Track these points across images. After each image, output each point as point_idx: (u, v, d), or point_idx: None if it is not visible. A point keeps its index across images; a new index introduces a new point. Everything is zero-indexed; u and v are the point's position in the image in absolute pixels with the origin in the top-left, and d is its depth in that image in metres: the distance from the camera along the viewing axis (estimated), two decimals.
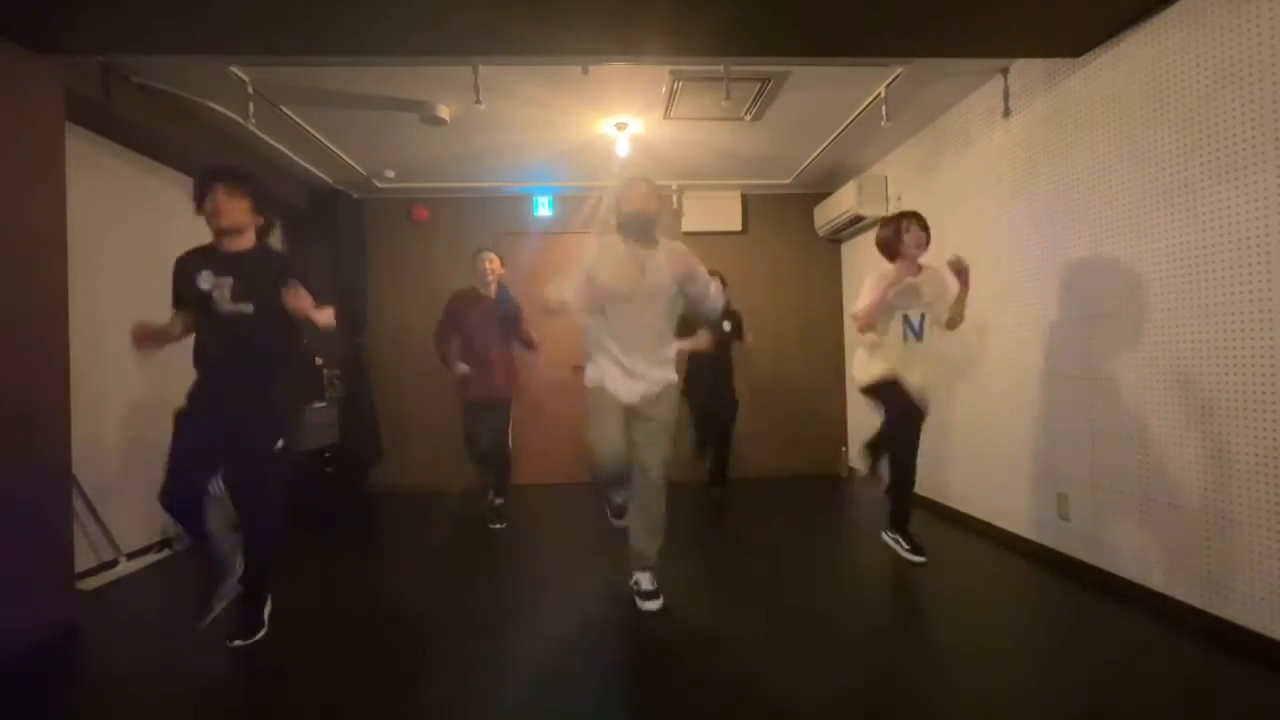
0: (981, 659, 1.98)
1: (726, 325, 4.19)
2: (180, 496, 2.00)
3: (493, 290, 3.61)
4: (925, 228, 2.80)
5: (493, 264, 3.57)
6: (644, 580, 2.47)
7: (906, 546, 2.86)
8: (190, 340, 2.12)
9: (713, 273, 4.23)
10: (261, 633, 2.14)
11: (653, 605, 2.39)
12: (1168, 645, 2.02)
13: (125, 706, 1.83)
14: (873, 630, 2.25)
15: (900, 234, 2.78)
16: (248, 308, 2.04)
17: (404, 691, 1.83)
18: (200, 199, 2.06)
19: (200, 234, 2.12)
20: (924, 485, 3.33)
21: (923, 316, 2.81)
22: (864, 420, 4.75)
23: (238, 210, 2.06)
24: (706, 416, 4.13)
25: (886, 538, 2.96)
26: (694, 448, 4.35)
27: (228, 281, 2.04)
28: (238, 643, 2.08)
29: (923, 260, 2.85)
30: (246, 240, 2.12)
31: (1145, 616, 2.21)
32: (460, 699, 1.79)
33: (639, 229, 2.37)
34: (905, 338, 2.81)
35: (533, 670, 1.95)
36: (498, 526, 3.67)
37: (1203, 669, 1.88)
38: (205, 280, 2.04)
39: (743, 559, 3.03)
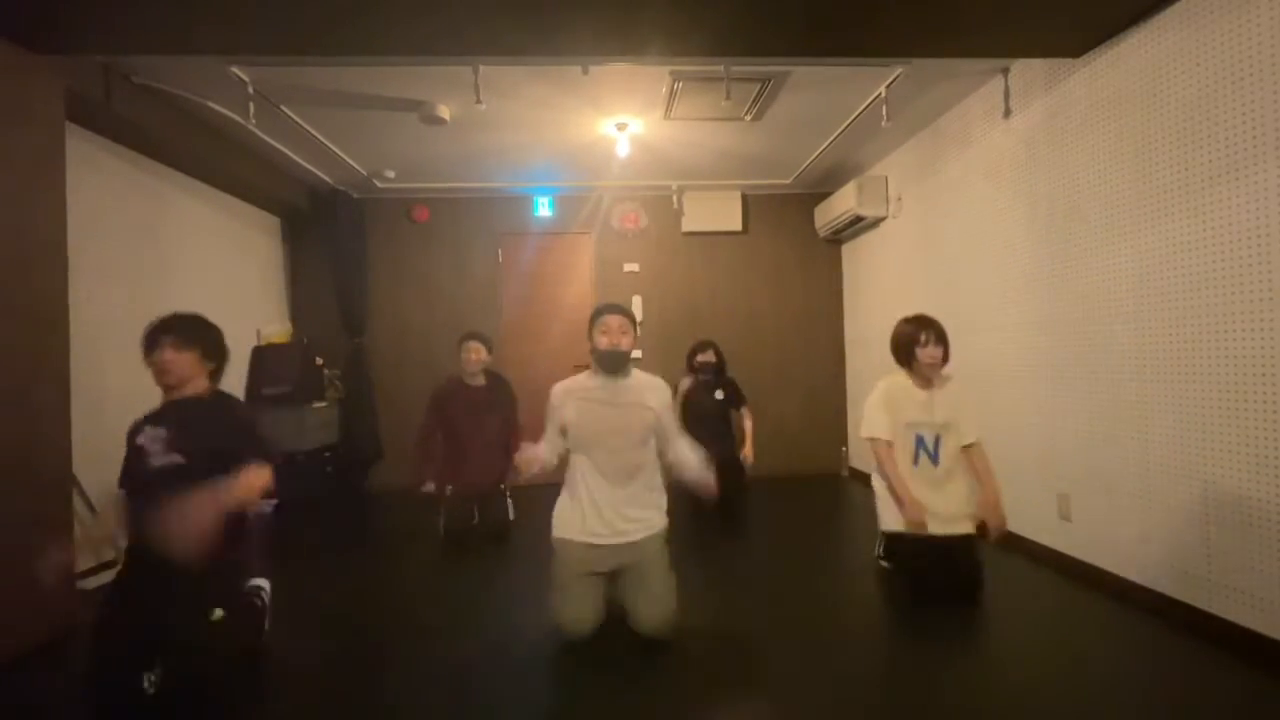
0: (982, 659, 1.99)
1: (719, 394, 3.87)
2: (106, 695, 1.72)
3: (480, 380, 3.45)
4: (945, 342, 2.45)
5: (477, 354, 3.39)
6: None
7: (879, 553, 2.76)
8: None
9: (706, 345, 3.83)
10: (262, 635, 2.12)
11: None
12: (1168, 646, 2.03)
13: (125, 707, 1.82)
14: (872, 630, 2.26)
15: (915, 345, 2.42)
16: (178, 459, 1.79)
17: (404, 690, 1.84)
18: (149, 352, 1.88)
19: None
20: None
21: (938, 438, 2.43)
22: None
23: (185, 363, 1.89)
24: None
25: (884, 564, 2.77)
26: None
27: (160, 433, 1.83)
28: None
29: (945, 370, 2.50)
30: (195, 387, 1.93)
31: (1146, 617, 2.21)
32: (460, 697, 1.79)
33: (611, 366, 2.18)
34: (916, 459, 2.43)
35: (533, 669, 1.96)
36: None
37: (1203, 670, 1.88)
38: (142, 435, 1.86)
39: (743, 558, 3.03)
